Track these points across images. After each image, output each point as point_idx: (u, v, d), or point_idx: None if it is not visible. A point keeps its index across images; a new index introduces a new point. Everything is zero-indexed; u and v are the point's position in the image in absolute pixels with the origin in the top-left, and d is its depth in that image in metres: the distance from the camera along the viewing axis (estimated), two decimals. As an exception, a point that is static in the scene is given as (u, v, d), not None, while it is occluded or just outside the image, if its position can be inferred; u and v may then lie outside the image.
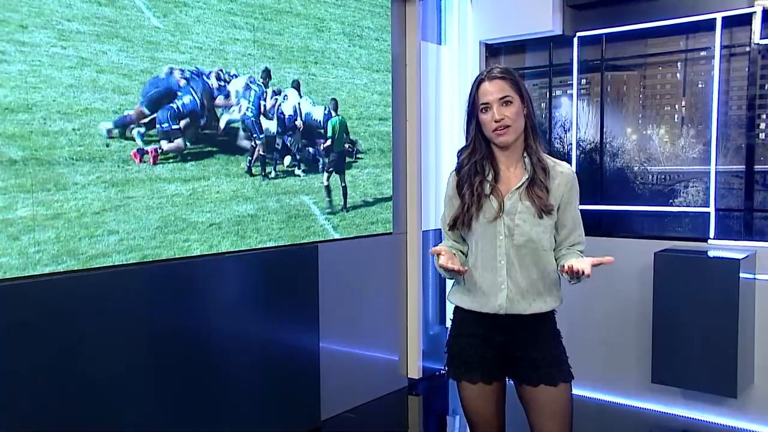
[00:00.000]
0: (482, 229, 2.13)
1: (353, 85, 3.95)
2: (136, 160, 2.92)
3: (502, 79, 2.09)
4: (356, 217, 4.01)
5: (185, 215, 3.11)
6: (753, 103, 3.79)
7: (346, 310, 4.02)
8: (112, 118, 2.83)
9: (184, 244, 3.10)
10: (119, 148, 2.86)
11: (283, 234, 3.56)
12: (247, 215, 3.38)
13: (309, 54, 3.67)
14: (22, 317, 2.55)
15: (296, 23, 3.59)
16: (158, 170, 3.01)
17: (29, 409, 2.56)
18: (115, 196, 2.84)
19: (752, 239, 3.78)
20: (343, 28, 3.87)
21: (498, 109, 2.07)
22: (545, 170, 2.12)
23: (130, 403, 2.90)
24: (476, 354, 2.16)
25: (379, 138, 4.15)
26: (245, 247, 3.37)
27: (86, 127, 2.75)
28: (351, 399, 4.08)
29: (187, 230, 3.11)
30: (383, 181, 4.19)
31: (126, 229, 2.88)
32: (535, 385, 2.12)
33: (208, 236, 3.20)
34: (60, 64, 2.65)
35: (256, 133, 3.42)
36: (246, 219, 3.38)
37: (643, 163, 4.23)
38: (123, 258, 2.87)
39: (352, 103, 3.95)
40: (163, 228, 3.01)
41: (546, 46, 4.51)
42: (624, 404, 4.06)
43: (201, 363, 3.18)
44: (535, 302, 2.12)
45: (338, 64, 3.85)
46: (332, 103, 3.81)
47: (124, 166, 2.88)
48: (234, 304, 3.34)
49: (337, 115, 3.85)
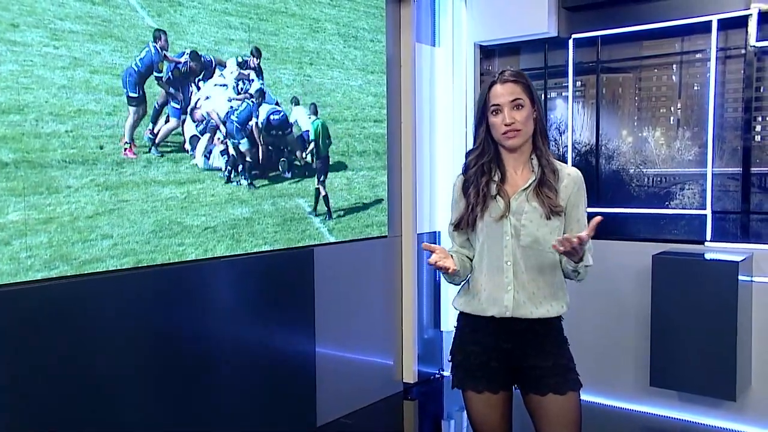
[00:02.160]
0: (488, 229, 2.11)
1: (348, 86, 3.90)
2: (130, 154, 2.85)
3: (514, 82, 2.07)
4: (351, 220, 3.96)
5: (180, 219, 3.05)
6: (749, 106, 3.79)
7: (342, 314, 3.98)
8: (106, 120, 2.77)
9: (178, 248, 3.04)
10: (113, 150, 2.80)
11: (278, 237, 3.51)
12: (242, 218, 3.32)
13: (304, 55, 3.62)
14: (14, 324, 2.48)
15: (291, 24, 3.55)
16: (152, 173, 2.94)
17: (20, 416, 2.49)
18: (108, 199, 2.78)
19: (749, 241, 3.78)
20: (338, 29, 3.83)
21: (509, 113, 2.05)
22: (554, 172, 2.10)
23: (125, 410, 2.84)
24: (481, 363, 2.13)
25: (374, 140, 4.11)
26: (240, 251, 3.31)
27: (79, 128, 2.68)
28: (346, 404, 4.03)
29: (182, 234, 3.05)
30: (378, 183, 4.15)
31: (120, 233, 2.81)
32: (543, 394, 2.09)
33: (203, 240, 3.15)
34: (52, 65, 2.59)
35: (237, 138, 3.36)
36: (241, 222, 3.32)
37: (639, 165, 4.23)
38: (117, 263, 2.81)
39: (347, 104, 3.90)
40: (157, 232, 2.95)
41: (540, 48, 4.49)
42: (622, 408, 4.04)
43: (197, 369, 3.12)
44: (542, 305, 2.09)
45: (333, 65, 3.80)
46: (312, 107, 3.71)
47: (118, 168, 2.82)
48: (230, 309, 3.29)
49: (317, 119, 3.76)
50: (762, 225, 3.81)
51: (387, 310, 4.36)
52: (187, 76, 3.08)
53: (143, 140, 2.92)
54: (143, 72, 2.89)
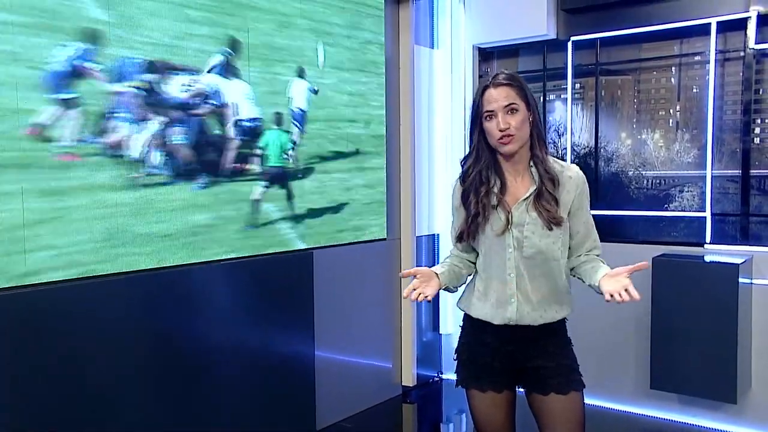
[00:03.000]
0: (490, 241, 2.09)
1: (321, 85, 3.75)
2: (70, 159, 2.65)
3: (508, 85, 2.01)
4: (323, 225, 3.80)
5: (133, 226, 2.87)
6: (748, 108, 3.79)
7: (341, 317, 3.96)
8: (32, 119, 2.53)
9: (132, 258, 2.87)
10: (51, 154, 2.58)
11: (245, 245, 3.34)
12: (202, 225, 3.14)
13: (273, 51, 3.45)
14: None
15: (261, 19, 3.38)
16: (101, 177, 2.75)
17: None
18: (50, 206, 2.57)
19: (748, 244, 3.78)
20: (310, 24, 3.65)
21: (503, 118, 1.99)
22: (553, 181, 2.06)
23: (124, 411, 2.81)
24: (486, 362, 2.12)
25: (349, 141, 3.97)
26: (199, 260, 3.12)
27: (15, 129, 2.47)
28: (346, 408, 4.01)
29: (135, 242, 2.88)
30: (352, 187, 4.00)
31: (65, 242, 2.62)
32: (545, 393, 2.08)
33: (160, 248, 2.97)
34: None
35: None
36: (201, 230, 3.15)
37: (638, 167, 4.22)
38: (63, 274, 2.63)
39: (320, 104, 3.75)
40: (108, 240, 2.77)
41: (539, 50, 4.48)
42: (622, 410, 4.03)
43: (197, 372, 3.10)
44: (546, 312, 2.09)
45: (303, 62, 3.64)
46: (276, 116, 3.52)
47: (60, 172, 2.61)
48: (231, 312, 3.26)
49: (279, 128, 3.55)
50: (761, 227, 3.81)
51: (386, 312, 4.34)
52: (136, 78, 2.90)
53: (88, 144, 2.72)
54: (73, 71, 2.66)
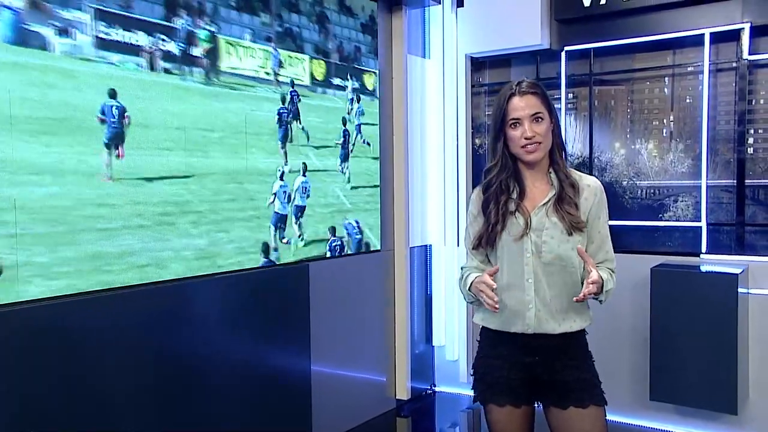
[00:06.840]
0: (508, 247, 2.06)
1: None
2: None
3: (533, 94, 2.02)
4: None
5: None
6: (742, 119, 3.82)
7: (337, 330, 3.88)
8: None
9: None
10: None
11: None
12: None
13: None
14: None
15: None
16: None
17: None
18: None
19: (744, 253, 3.79)
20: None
21: (529, 126, 2.00)
22: (574, 186, 2.05)
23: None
24: (504, 376, 2.08)
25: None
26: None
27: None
28: (341, 422, 3.92)
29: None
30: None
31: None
32: (564, 407, 2.05)
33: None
34: None
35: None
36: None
37: (632, 177, 4.22)
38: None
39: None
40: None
41: (532, 60, 4.47)
42: (622, 422, 3.98)
43: (192, 386, 2.99)
44: (565, 321, 2.05)
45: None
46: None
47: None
48: (226, 326, 3.16)
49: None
50: (756, 237, 3.83)
51: (380, 325, 4.28)
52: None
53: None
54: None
